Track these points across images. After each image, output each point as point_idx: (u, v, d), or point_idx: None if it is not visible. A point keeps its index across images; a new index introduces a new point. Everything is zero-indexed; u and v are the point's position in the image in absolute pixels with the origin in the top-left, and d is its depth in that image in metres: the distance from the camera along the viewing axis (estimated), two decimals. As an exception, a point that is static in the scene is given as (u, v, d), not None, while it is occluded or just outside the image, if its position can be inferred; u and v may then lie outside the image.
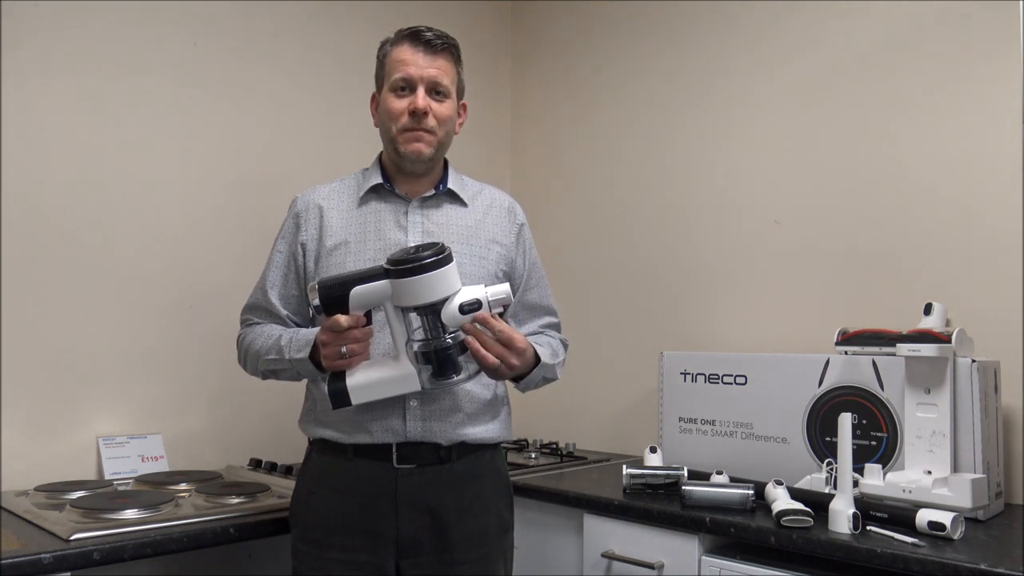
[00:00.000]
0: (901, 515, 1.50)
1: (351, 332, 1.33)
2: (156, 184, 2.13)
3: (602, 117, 2.65)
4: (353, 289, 1.32)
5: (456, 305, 1.32)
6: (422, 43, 1.53)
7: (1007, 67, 1.80)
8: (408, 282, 1.30)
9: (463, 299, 1.32)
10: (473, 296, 1.33)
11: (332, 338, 1.34)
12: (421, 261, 1.29)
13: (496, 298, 1.34)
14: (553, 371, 1.60)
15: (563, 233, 2.71)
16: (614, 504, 1.76)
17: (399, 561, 1.48)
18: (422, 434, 1.48)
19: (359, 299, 1.32)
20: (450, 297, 1.32)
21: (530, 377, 1.53)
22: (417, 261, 1.30)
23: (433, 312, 1.33)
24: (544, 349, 1.56)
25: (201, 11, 2.22)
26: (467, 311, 1.32)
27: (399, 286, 1.31)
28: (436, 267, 1.30)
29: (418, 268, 1.29)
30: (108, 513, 1.56)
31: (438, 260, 1.30)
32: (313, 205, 1.60)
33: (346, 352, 1.34)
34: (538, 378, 1.55)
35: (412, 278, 1.29)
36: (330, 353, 1.35)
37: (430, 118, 1.52)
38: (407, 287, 1.30)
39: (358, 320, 1.33)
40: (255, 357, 1.56)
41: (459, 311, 1.32)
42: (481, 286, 1.36)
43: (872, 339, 1.81)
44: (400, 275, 1.30)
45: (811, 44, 2.16)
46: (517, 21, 2.96)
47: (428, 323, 1.34)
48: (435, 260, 1.30)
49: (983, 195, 1.86)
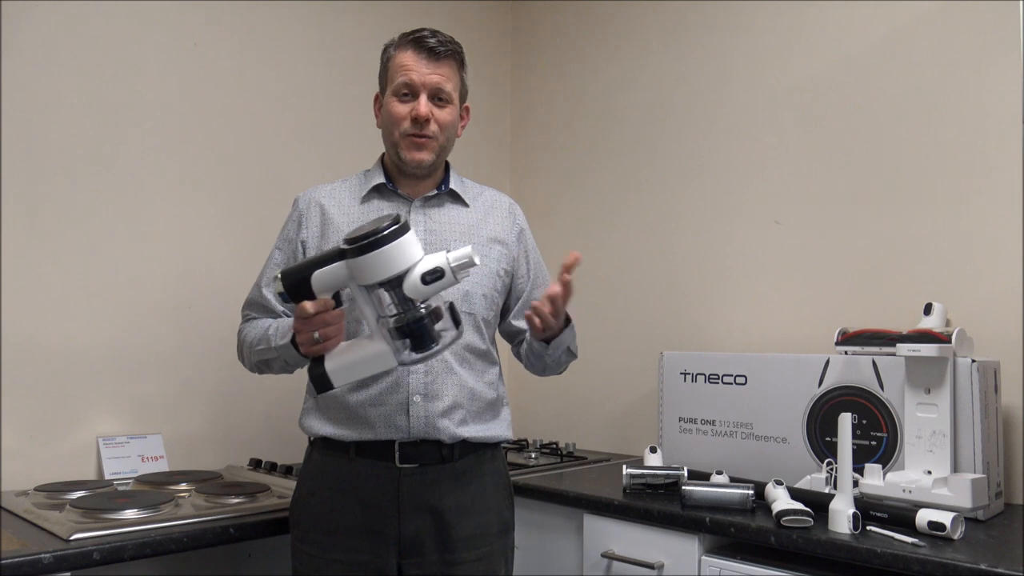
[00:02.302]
0: (901, 515, 1.50)
1: (320, 316, 1.30)
2: (156, 184, 2.13)
3: (602, 117, 2.65)
4: (313, 274, 1.29)
5: (417, 276, 1.26)
6: (425, 49, 1.53)
7: (1007, 67, 1.80)
8: (365, 259, 1.25)
9: (424, 269, 1.27)
10: (434, 264, 1.27)
11: (303, 325, 1.32)
12: (374, 236, 1.24)
13: (459, 263, 1.27)
14: (575, 343, 1.64)
15: (563, 233, 2.71)
16: (614, 504, 1.76)
17: (400, 561, 1.48)
18: (425, 431, 1.48)
19: (321, 283, 1.30)
20: (410, 268, 1.26)
21: (562, 339, 1.57)
22: (369, 236, 1.24)
23: (397, 286, 1.28)
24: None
25: (201, 11, 2.22)
26: (430, 281, 1.26)
27: (357, 265, 1.26)
28: (389, 240, 1.24)
29: (372, 244, 1.24)
30: (108, 513, 1.56)
31: (391, 232, 1.24)
32: (315, 203, 1.61)
33: (319, 337, 1.31)
34: (566, 342, 1.59)
35: (368, 255, 1.24)
36: (304, 340, 1.34)
37: (432, 124, 1.53)
38: (365, 264, 1.25)
39: (326, 304, 1.30)
40: (248, 349, 1.57)
41: (421, 282, 1.26)
42: (443, 253, 1.29)
43: (872, 339, 1.81)
44: (356, 253, 1.25)
45: (811, 44, 2.16)
46: (517, 21, 2.96)
47: (395, 298, 1.29)
48: (388, 233, 1.24)
49: (983, 195, 1.86)
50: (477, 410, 1.54)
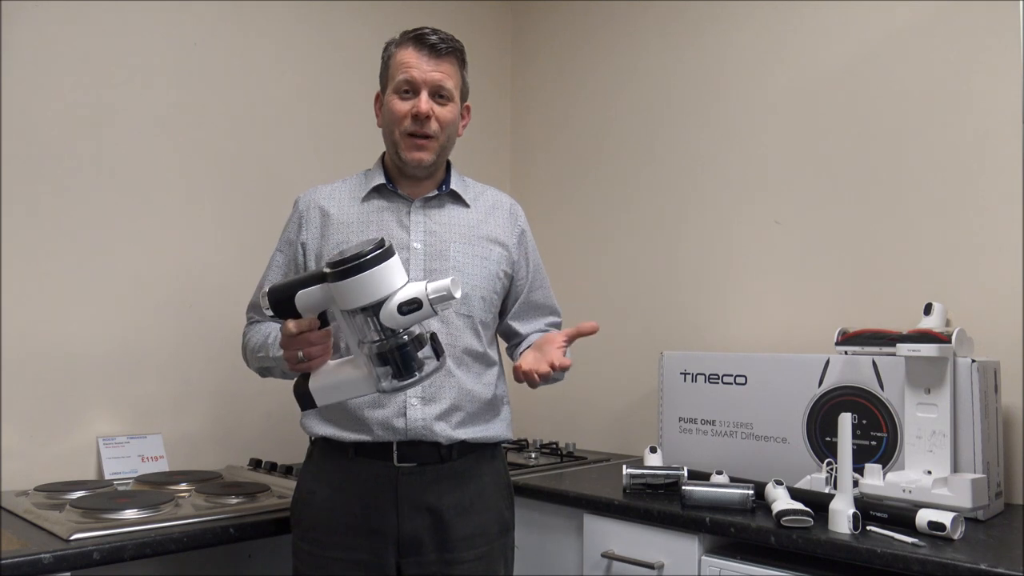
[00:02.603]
0: (901, 515, 1.50)
1: (303, 336, 1.29)
2: (156, 184, 2.13)
3: (602, 117, 2.66)
4: (297, 294, 1.28)
5: (395, 306, 1.23)
6: (426, 47, 1.53)
7: (1007, 67, 1.80)
8: (345, 284, 1.22)
9: (402, 299, 1.23)
10: (412, 295, 1.23)
11: (287, 342, 1.31)
12: (354, 262, 1.21)
13: (436, 295, 1.24)
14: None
15: (563, 233, 2.71)
16: (614, 504, 1.76)
17: (400, 560, 1.48)
18: (422, 433, 1.48)
19: (304, 303, 1.28)
20: (390, 296, 1.23)
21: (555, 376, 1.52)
22: (349, 262, 1.21)
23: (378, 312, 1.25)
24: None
25: (201, 12, 2.22)
26: (406, 312, 1.23)
27: (337, 289, 1.24)
28: (369, 266, 1.21)
29: (351, 269, 1.21)
30: (108, 513, 1.56)
31: (373, 258, 1.21)
32: (315, 205, 1.60)
33: (303, 356, 1.31)
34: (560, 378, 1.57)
35: (348, 280, 1.22)
36: (289, 357, 1.33)
37: (433, 122, 1.53)
38: (345, 289, 1.23)
39: (311, 324, 1.29)
40: (251, 354, 1.59)
41: (398, 312, 1.23)
42: (423, 283, 1.25)
43: (872, 339, 1.81)
44: (337, 278, 1.23)
45: (811, 44, 2.16)
46: (517, 21, 2.96)
47: (376, 324, 1.26)
48: (370, 258, 1.21)
49: (983, 195, 1.86)
50: (475, 411, 1.54)
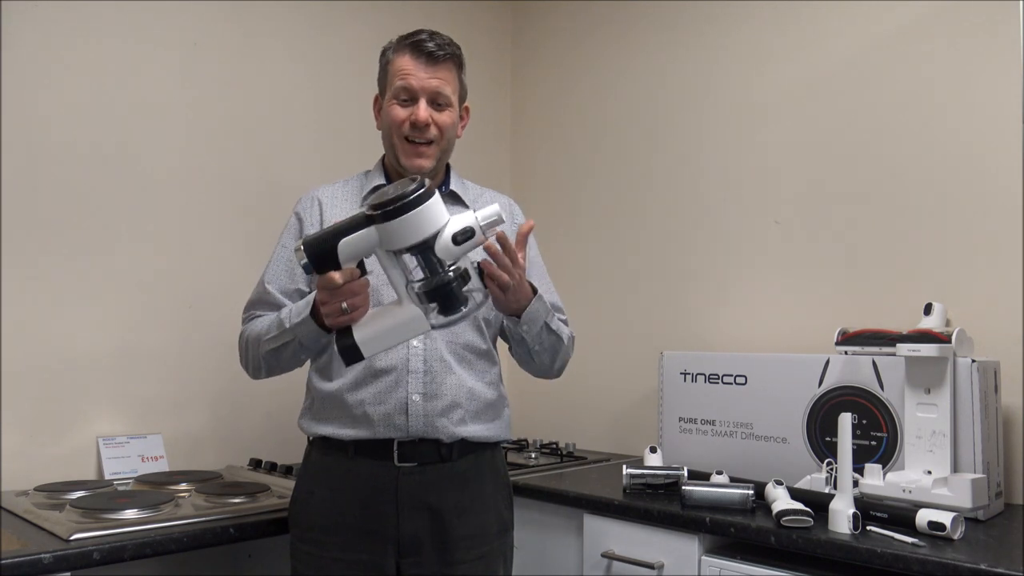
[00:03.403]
0: (901, 515, 1.50)
1: (348, 286, 1.28)
2: (156, 184, 2.13)
3: (602, 117, 2.65)
4: (340, 242, 1.26)
5: (448, 237, 1.24)
6: (424, 54, 1.53)
7: (1007, 67, 1.80)
8: (394, 224, 1.22)
9: (454, 229, 1.25)
10: (465, 224, 1.25)
11: (329, 296, 1.30)
12: (403, 200, 1.21)
13: (487, 221, 1.27)
14: (554, 320, 1.55)
15: (563, 233, 2.71)
16: (614, 504, 1.76)
17: (399, 560, 1.48)
18: (424, 430, 1.48)
19: (347, 251, 1.27)
20: (440, 230, 1.25)
21: (531, 311, 1.46)
22: (399, 200, 1.21)
23: (427, 249, 1.25)
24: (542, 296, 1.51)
25: (201, 11, 2.22)
26: (461, 241, 1.24)
27: (385, 230, 1.24)
28: (419, 203, 1.22)
29: (401, 208, 1.21)
30: (108, 513, 1.56)
31: (420, 196, 1.22)
32: (316, 205, 1.61)
33: (347, 307, 1.29)
34: (540, 318, 1.49)
35: (397, 219, 1.22)
36: (331, 311, 1.31)
37: (431, 129, 1.53)
38: (394, 230, 1.23)
39: (352, 273, 1.28)
40: (256, 343, 1.53)
41: (453, 242, 1.24)
42: (470, 212, 1.28)
43: (872, 339, 1.81)
44: (384, 219, 1.23)
45: (811, 44, 2.16)
46: (517, 21, 2.96)
47: (424, 261, 1.26)
48: (417, 196, 1.22)
49: (983, 195, 1.86)
50: (476, 410, 1.54)
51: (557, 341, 1.57)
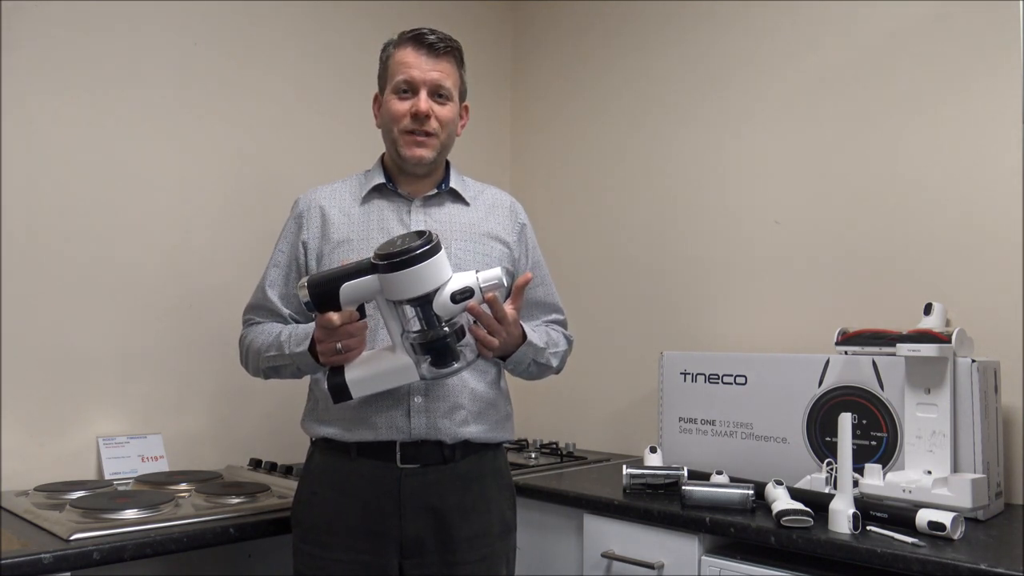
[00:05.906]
0: (901, 515, 1.50)
1: (344, 328, 1.32)
2: (156, 184, 2.13)
3: (602, 118, 2.65)
4: (343, 286, 1.30)
5: (448, 295, 1.28)
6: (425, 46, 1.53)
7: (1007, 67, 1.80)
8: (397, 276, 1.26)
9: (454, 288, 1.29)
10: (464, 284, 1.30)
11: (326, 335, 1.34)
12: (408, 254, 1.25)
13: (488, 283, 1.31)
14: (544, 356, 1.57)
15: (563, 233, 2.71)
16: (614, 504, 1.76)
17: (402, 561, 1.48)
18: (426, 431, 1.48)
19: (349, 295, 1.30)
20: (441, 287, 1.28)
21: (518, 356, 1.52)
22: (404, 254, 1.25)
23: (426, 303, 1.29)
24: (535, 334, 1.55)
25: (201, 12, 2.22)
26: (459, 300, 1.29)
27: (388, 280, 1.27)
28: (424, 259, 1.25)
29: (406, 261, 1.25)
30: (108, 513, 1.56)
31: (425, 251, 1.25)
32: (315, 205, 1.61)
33: (341, 348, 1.33)
34: (527, 360, 1.54)
35: (401, 272, 1.26)
36: (326, 349, 1.35)
37: (432, 121, 1.53)
38: (396, 281, 1.26)
39: (351, 315, 1.32)
40: (256, 355, 1.56)
41: (451, 300, 1.28)
42: (472, 272, 1.32)
43: (872, 339, 1.82)
44: (388, 269, 1.26)
45: (811, 45, 2.16)
46: (518, 22, 2.96)
47: (422, 314, 1.30)
48: (422, 251, 1.25)
49: (983, 195, 1.86)
50: (478, 410, 1.54)
51: (546, 368, 1.62)
